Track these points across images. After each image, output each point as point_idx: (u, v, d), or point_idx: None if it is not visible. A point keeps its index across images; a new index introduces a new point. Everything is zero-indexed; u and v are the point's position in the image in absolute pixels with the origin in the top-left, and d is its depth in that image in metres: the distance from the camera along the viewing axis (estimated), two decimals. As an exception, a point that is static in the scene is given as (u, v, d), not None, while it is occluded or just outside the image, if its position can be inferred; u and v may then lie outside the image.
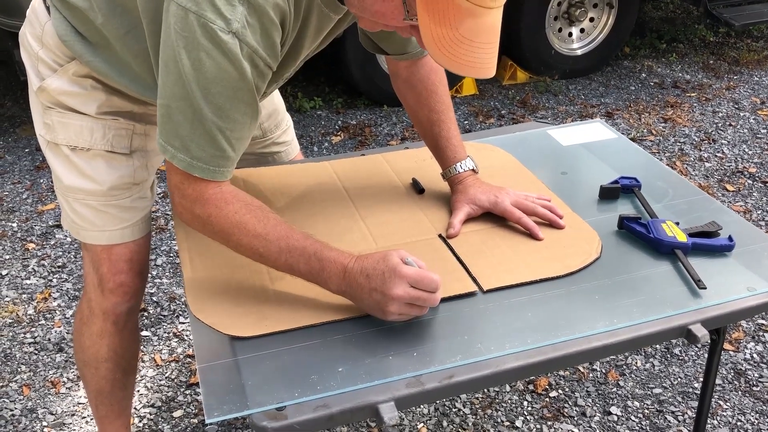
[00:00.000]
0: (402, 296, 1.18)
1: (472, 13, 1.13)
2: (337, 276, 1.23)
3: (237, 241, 1.27)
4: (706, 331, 1.23)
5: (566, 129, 1.93)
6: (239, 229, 1.26)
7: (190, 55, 1.16)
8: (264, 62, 1.21)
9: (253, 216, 1.26)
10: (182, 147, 1.22)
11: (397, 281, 1.18)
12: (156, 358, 2.45)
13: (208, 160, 1.23)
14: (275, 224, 1.26)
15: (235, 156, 1.27)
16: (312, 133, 4.01)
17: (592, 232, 1.49)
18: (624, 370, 2.41)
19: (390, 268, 1.19)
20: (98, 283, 1.61)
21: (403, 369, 1.15)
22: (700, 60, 5.07)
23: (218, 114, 1.20)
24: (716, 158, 3.75)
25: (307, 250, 1.24)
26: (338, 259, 1.24)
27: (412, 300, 1.20)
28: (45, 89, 1.48)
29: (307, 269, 1.25)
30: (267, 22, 1.18)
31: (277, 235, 1.25)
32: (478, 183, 1.58)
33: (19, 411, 2.24)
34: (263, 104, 1.78)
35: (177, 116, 1.21)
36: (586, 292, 1.33)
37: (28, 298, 2.73)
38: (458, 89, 4.44)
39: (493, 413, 2.25)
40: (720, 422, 2.21)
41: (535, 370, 1.19)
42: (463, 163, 1.60)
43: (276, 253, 1.25)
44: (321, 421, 1.08)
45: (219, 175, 1.26)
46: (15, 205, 3.34)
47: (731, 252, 1.43)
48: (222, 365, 1.17)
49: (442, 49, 1.16)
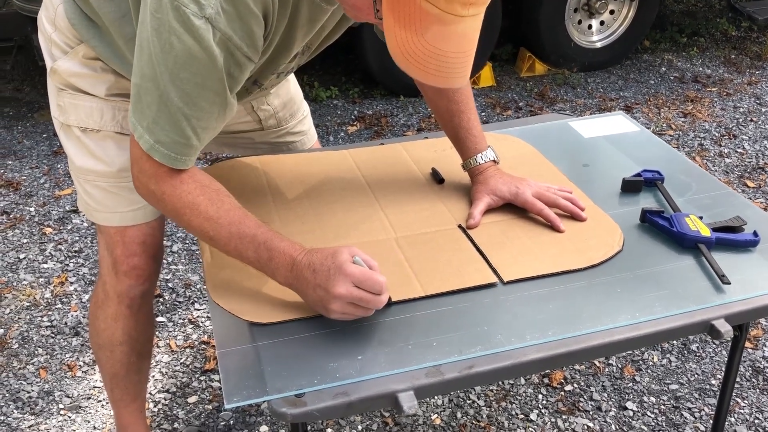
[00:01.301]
0: (344, 295, 1.15)
1: (440, 20, 1.07)
2: (285, 268, 1.20)
3: (188, 222, 1.25)
4: (729, 326, 1.22)
5: (588, 121, 1.91)
6: (191, 210, 1.24)
7: (161, 37, 1.14)
8: (241, 51, 1.18)
9: (206, 198, 1.24)
10: (147, 128, 1.21)
11: (341, 279, 1.15)
12: (171, 343, 2.46)
13: (171, 145, 1.21)
14: (229, 209, 1.24)
15: (198, 145, 1.24)
16: (328, 122, 4.01)
17: (614, 225, 1.48)
18: (640, 365, 2.40)
19: (336, 266, 1.16)
20: (112, 265, 1.62)
21: (423, 358, 1.15)
22: (722, 54, 5.02)
23: (185, 100, 1.18)
24: (737, 154, 3.72)
25: (257, 238, 1.22)
26: (287, 250, 1.21)
27: (355, 300, 1.15)
28: (56, 71, 1.49)
29: (255, 257, 1.23)
30: (244, 10, 1.14)
31: (229, 220, 1.23)
32: (499, 174, 1.56)
33: (36, 393, 2.26)
34: (279, 93, 1.78)
35: (146, 97, 1.19)
36: (608, 285, 1.32)
37: (45, 282, 2.75)
38: (476, 81, 4.42)
39: (507, 406, 2.24)
40: (738, 420, 2.20)
41: (556, 363, 1.18)
42: (483, 154, 1.58)
43: (226, 237, 1.23)
44: (340, 408, 1.08)
45: (179, 162, 1.23)
46: (33, 189, 3.36)
47: (756, 247, 1.41)
48: (241, 351, 1.16)
49: (405, 53, 1.11)
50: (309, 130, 1.90)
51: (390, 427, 2.16)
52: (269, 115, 1.77)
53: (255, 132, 1.79)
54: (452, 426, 2.17)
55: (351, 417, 2.18)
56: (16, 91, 4.32)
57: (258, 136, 1.80)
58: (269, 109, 1.76)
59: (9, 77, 4.48)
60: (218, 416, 2.19)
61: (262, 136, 1.80)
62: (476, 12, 1.09)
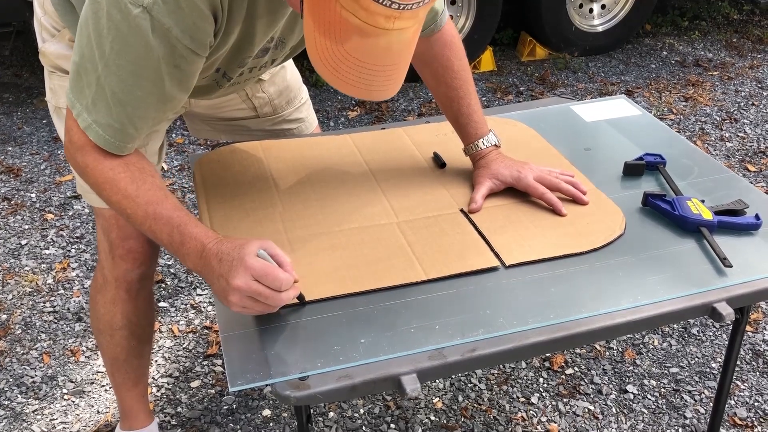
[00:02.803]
0: (242, 287, 1.12)
1: (361, 31, 1.03)
2: (195, 254, 1.18)
3: (107, 198, 1.24)
4: (731, 309, 1.22)
5: (589, 105, 1.91)
6: (110, 186, 1.23)
7: (99, 22, 1.13)
8: (182, 44, 1.14)
9: (128, 175, 1.22)
10: (86, 108, 1.20)
11: (241, 271, 1.12)
12: (173, 329, 2.46)
13: (108, 129, 1.20)
14: (149, 188, 1.22)
15: (135, 133, 1.22)
16: (328, 107, 4.00)
17: (616, 209, 1.48)
18: (641, 348, 2.41)
19: (239, 257, 1.13)
20: (109, 249, 1.62)
21: (426, 342, 1.15)
22: (723, 38, 5.00)
23: (120, 86, 1.16)
24: (738, 138, 3.71)
25: (172, 220, 1.20)
26: (199, 237, 1.19)
27: (253, 294, 1.12)
28: (45, 53, 1.49)
29: (168, 240, 1.21)
30: (185, 3, 1.11)
31: (147, 200, 1.21)
32: (501, 158, 1.56)
33: (39, 378, 2.27)
34: (274, 81, 1.76)
35: (85, 77, 1.18)
36: (610, 268, 1.32)
37: (47, 268, 2.75)
38: (476, 65, 4.40)
39: (508, 389, 2.25)
40: (737, 402, 2.21)
41: (558, 346, 1.19)
42: (485, 139, 1.58)
43: (142, 217, 1.22)
44: (344, 391, 1.09)
45: (115, 148, 1.22)
46: (33, 175, 3.35)
47: (758, 231, 1.41)
48: (244, 335, 1.17)
49: (324, 60, 1.07)
50: (307, 117, 1.89)
51: (392, 410, 2.17)
52: (264, 103, 1.76)
53: (250, 120, 1.78)
54: (454, 409, 2.18)
55: (353, 400, 2.19)
56: (15, 77, 4.31)
57: (254, 123, 1.79)
58: (264, 96, 1.75)
59: (8, 63, 4.46)
60: (221, 400, 2.20)
61: (257, 124, 1.80)
62: (403, 26, 1.04)
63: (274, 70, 1.74)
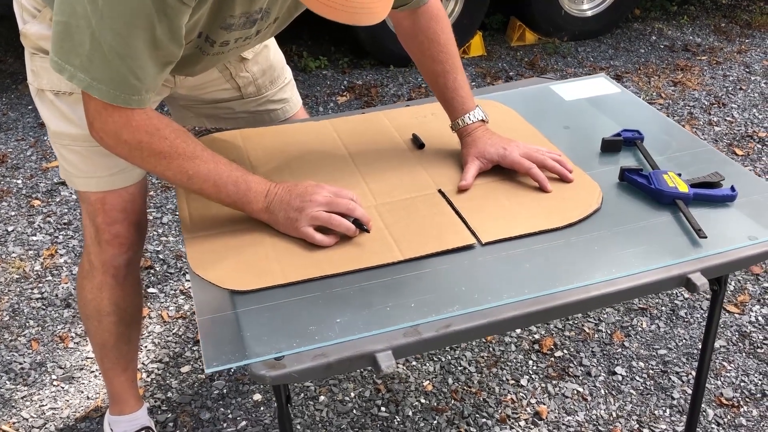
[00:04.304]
0: (322, 202, 1.31)
1: None
2: (262, 195, 1.33)
3: (166, 166, 1.30)
4: (705, 280, 1.22)
5: (569, 84, 1.90)
6: (170, 151, 1.29)
7: None
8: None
9: (181, 139, 1.30)
10: (82, 67, 1.20)
11: (318, 189, 1.32)
12: (163, 314, 2.47)
13: (111, 83, 1.21)
14: (201, 147, 1.32)
15: (139, 84, 1.24)
16: (317, 93, 3.99)
17: (593, 183, 1.48)
18: (629, 331, 2.42)
19: (311, 183, 1.34)
20: (95, 234, 1.62)
21: (401, 319, 1.15)
22: (712, 23, 5.00)
23: (117, 40, 1.17)
24: (726, 122, 3.72)
25: (233, 172, 1.33)
26: (260, 181, 1.34)
27: (332, 205, 1.31)
28: (26, 35, 1.48)
29: (234, 190, 1.33)
30: None
31: (206, 158, 1.31)
32: (488, 134, 1.56)
33: (28, 365, 2.27)
34: (257, 60, 1.75)
35: (77, 35, 1.18)
36: (586, 243, 1.32)
37: (35, 255, 2.75)
38: (466, 50, 4.40)
39: (498, 372, 2.26)
40: (724, 383, 2.22)
41: (533, 320, 1.19)
42: (471, 114, 1.58)
43: (205, 174, 1.31)
44: (319, 369, 1.09)
45: (121, 101, 1.23)
46: (19, 162, 3.35)
47: (733, 202, 1.42)
48: (221, 318, 1.17)
49: None
50: (291, 98, 1.88)
51: (382, 393, 2.18)
52: (248, 82, 1.76)
53: (235, 101, 1.78)
54: (443, 392, 2.19)
55: (344, 384, 2.20)
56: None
57: (238, 105, 1.79)
58: (248, 76, 1.75)
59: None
60: (211, 385, 2.20)
61: (242, 105, 1.79)
62: None
63: (257, 48, 1.73)
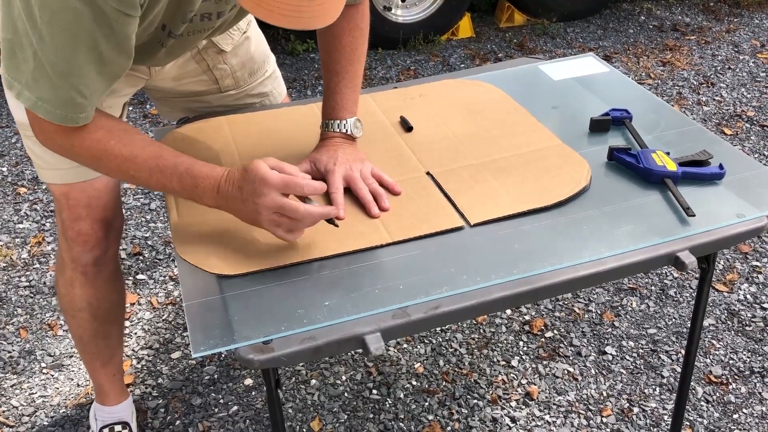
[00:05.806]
0: (270, 204, 1.18)
1: None
2: (211, 191, 1.23)
3: (107, 169, 1.26)
4: (694, 258, 1.23)
5: (558, 64, 1.89)
6: (105, 156, 1.24)
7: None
8: (109, 6, 1.10)
9: (117, 140, 1.24)
10: (27, 85, 1.17)
11: (265, 189, 1.18)
12: (153, 301, 2.46)
13: (56, 102, 1.17)
14: (142, 145, 1.24)
15: (85, 102, 1.19)
16: (305, 76, 3.97)
17: (582, 160, 1.48)
18: (619, 311, 2.42)
19: (259, 178, 1.18)
20: (62, 230, 1.59)
21: (390, 301, 1.15)
22: (701, 2, 4.98)
23: (59, 58, 1.13)
24: (714, 102, 3.72)
25: (178, 167, 1.23)
26: (209, 174, 1.23)
27: (281, 209, 1.18)
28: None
29: (180, 187, 1.25)
30: None
31: (145, 157, 1.24)
32: (342, 147, 1.46)
33: (17, 353, 2.26)
34: (237, 53, 1.70)
35: (20, 53, 1.15)
36: (574, 222, 1.32)
37: (22, 242, 2.73)
38: (454, 32, 4.38)
39: (489, 353, 2.26)
40: (713, 361, 2.23)
41: (522, 300, 1.19)
42: (338, 123, 1.49)
43: (147, 174, 1.24)
44: (307, 353, 1.09)
45: (69, 120, 1.20)
46: (4, 149, 3.31)
47: (722, 180, 1.42)
48: (209, 303, 1.17)
49: None
50: (272, 91, 1.83)
51: (374, 376, 2.18)
52: (226, 75, 1.71)
53: (212, 95, 1.73)
54: (435, 374, 2.19)
55: (335, 368, 2.20)
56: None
57: (215, 99, 1.74)
58: (226, 68, 1.70)
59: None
60: (202, 371, 2.20)
61: (219, 99, 1.74)
62: None
63: (237, 41, 1.69)
